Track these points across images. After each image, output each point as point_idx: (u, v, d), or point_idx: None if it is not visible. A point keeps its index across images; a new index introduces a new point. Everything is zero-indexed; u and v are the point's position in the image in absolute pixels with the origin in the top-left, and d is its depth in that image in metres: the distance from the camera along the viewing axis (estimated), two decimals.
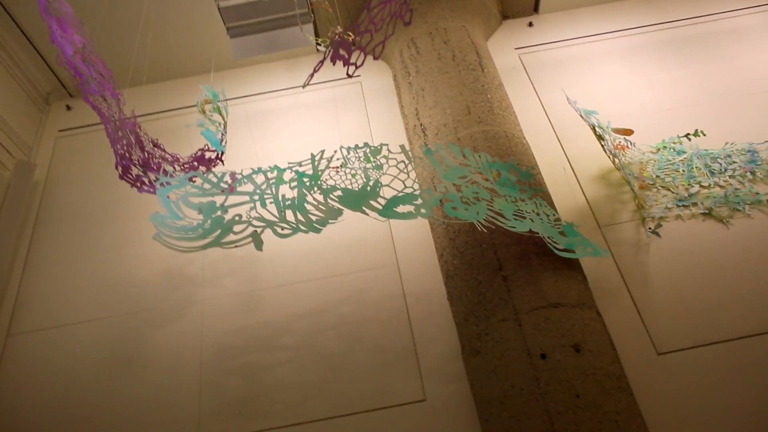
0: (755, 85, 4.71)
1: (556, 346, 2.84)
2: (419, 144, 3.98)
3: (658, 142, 4.34)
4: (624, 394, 2.79)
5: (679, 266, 3.68)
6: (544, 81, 4.89)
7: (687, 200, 3.97)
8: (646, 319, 3.47)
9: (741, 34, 5.16)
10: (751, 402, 3.12)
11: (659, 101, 4.67)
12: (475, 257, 3.25)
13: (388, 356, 3.52)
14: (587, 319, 2.99)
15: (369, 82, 5.06)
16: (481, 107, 3.90)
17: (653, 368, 3.28)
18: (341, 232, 3.84)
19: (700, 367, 3.27)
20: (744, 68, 4.86)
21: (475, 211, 2.94)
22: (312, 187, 3.04)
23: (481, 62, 4.28)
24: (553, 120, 4.58)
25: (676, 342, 3.37)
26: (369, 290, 3.81)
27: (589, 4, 5.46)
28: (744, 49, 5.02)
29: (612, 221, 3.94)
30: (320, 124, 4.86)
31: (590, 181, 4.17)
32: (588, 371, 2.77)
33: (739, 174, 4.09)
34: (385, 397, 3.36)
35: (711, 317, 3.45)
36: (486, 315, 3.07)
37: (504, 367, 2.89)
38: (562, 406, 2.66)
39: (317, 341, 3.63)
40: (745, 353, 3.30)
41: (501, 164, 3.34)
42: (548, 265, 3.11)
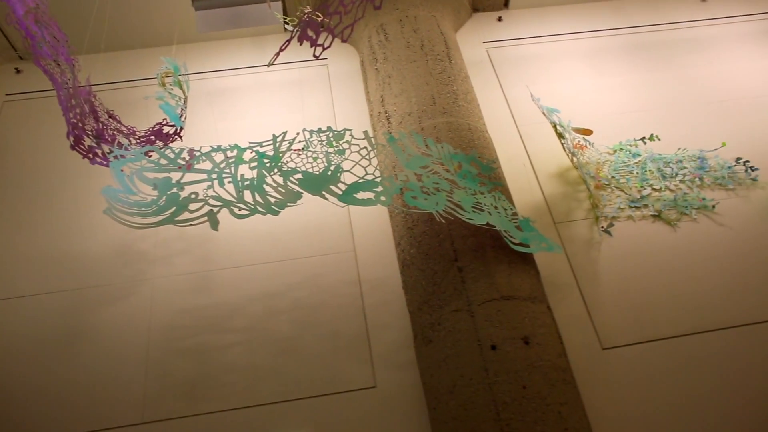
0: (709, 95, 4.87)
1: (506, 337, 2.89)
2: (383, 131, 3.97)
3: (616, 144, 4.44)
4: (568, 386, 2.87)
5: (627, 265, 3.79)
6: (510, 76, 4.94)
7: (639, 202, 4.09)
8: (594, 315, 3.57)
9: (699, 44, 5.32)
10: (689, 398, 3.26)
11: (619, 104, 4.78)
12: (432, 247, 3.27)
13: (340, 342, 3.52)
14: (538, 313, 3.05)
15: (336, 66, 5.01)
16: (446, 98, 3.91)
17: (597, 362, 3.38)
18: (299, 216, 3.80)
19: (642, 363, 3.39)
20: (700, 78, 5.01)
21: (435, 201, 2.95)
22: (272, 168, 3.00)
23: (449, 53, 4.28)
24: (516, 115, 4.63)
25: (621, 338, 3.48)
26: (324, 275, 3.79)
27: (557, 4, 5.53)
28: (701, 59, 5.18)
29: (567, 218, 4.03)
30: (284, 105, 4.79)
31: (548, 178, 4.25)
32: (535, 363, 2.83)
33: (688, 179, 4.23)
34: (335, 382, 3.36)
35: (654, 315, 3.58)
36: (440, 305, 3.10)
37: (455, 356, 2.92)
38: (509, 397, 2.72)
39: (269, 324, 3.59)
40: (684, 351, 3.44)
41: (463, 156, 3.36)
42: (503, 258, 3.16)
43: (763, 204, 4.15)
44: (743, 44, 5.34)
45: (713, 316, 3.58)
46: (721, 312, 3.60)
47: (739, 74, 5.06)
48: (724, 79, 5.01)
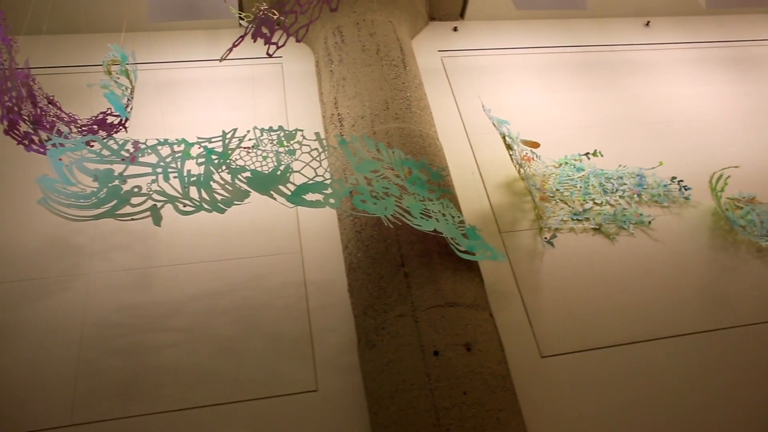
0: (649, 116, 5.09)
1: (449, 344, 2.92)
2: (335, 133, 3.95)
3: (561, 158, 4.58)
4: (507, 393, 2.93)
5: (567, 276, 3.91)
6: (463, 86, 5.01)
7: (581, 215, 4.22)
8: (534, 324, 3.66)
9: (643, 67, 5.55)
10: (623, 405, 3.38)
11: (566, 119, 4.93)
12: (380, 252, 3.28)
13: (283, 344, 3.47)
14: (480, 320, 3.10)
15: (290, 65, 4.96)
16: (399, 104, 3.93)
17: (536, 370, 3.47)
18: (246, 215, 3.74)
19: (579, 371, 3.49)
20: (641, 99, 5.23)
21: (384, 206, 2.96)
22: (220, 165, 2.94)
23: (404, 59, 4.31)
24: (467, 125, 4.70)
25: (559, 346, 3.59)
26: (269, 276, 3.74)
27: (511, 18, 5.66)
28: (644, 81, 5.41)
29: (512, 228, 4.12)
30: (235, 101, 4.70)
31: (496, 188, 4.33)
32: (476, 370, 2.88)
33: (627, 195, 4.41)
34: (276, 385, 3.31)
35: (591, 325, 3.70)
36: (384, 309, 3.11)
37: (397, 361, 2.93)
38: (449, 402, 2.75)
39: (211, 324, 3.51)
40: (618, 360, 3.57)
41: (413, 162, 3.39)
42: (449, 265, 3.19)
43: (694, 222, 4.36)
44: (682, 70, 5.61)
45: (646, 327, 3.73)
46: (653, 323, 3.76)
47: (677, 98, 5.31)
48: (663, 102, 5.25)
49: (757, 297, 4.00)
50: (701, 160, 4.76)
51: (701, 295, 3.96)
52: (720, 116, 5.23)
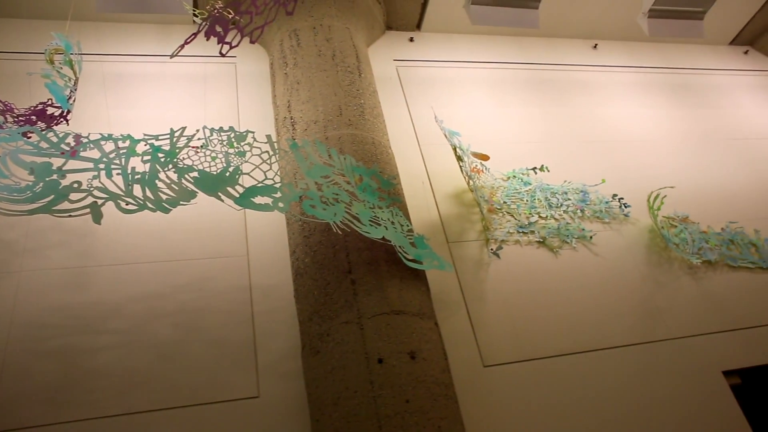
0: (594, 135, 5.28)
1: (393, 351, 2.93)
2: (286, 137, 3.92)
3: (509, 171, 4.68)
4: (450, 401, 2.96)
5: (512, 287, 3.99)
6: (416, 96, 5.07)
7: (526, 228, 4.33)
8: (478, 333, 3.72)
9: (589, 87, 5.76)
10: (562, 415, 3.47)
11: (515, 134, 5.05)
12: (327, 258, 3.26)
13: (225, 349, 3.39)
14: (425, 329, 3.12)
15: (244, 66, 4.89)
16: (353, 110, 3.93)
17: (479, 379, 3.52)
18: (192, 216, 3.65)
19: (520, 381, 3.57)
20: (587, 118, 5.42)
21: (333, 212, 2.95)
22: (167, 163, 2.86)
23: (359, 66, 4.32)
24: (419, 134, 4.75)
25: (501, 356, 3.65)
26: (213, 279, 3.65)
27: (466, 32, 5.77)
28: (590, 101, 5.61)
29: (459, 238, 4.18)
30: (185, 99, 4.58)
31: (445, 198, 4.39)
32: (420, 378, 2.89)
33: (571, 210, 4.55)
34: (216, 391, 3.23)
35: (533, 336, 3.79)
36: (330, 316, 3.09)
37: (341, 368, 2.92)
38: (392, 410, 2.75)
39: (150, 327, 3.40)
40: (558, 370, 3.67)
41: (364, 170, 3.39)
42: (396, 273, 3.21)
43: (632, 238, 4.54)
44: (626, 92, 5.85)
45: (585, 339, 3.85)
46: (592, 335, 3.88)
47: (620, 119, 5.53)
48: (607, 122, 5.45)
49: (687, 311, 4.19)
50: (640, 179, 4.97)
51: (636, 308, 4.12)
52: (658, 138, 5.47)
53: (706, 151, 5.53)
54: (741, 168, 5.46)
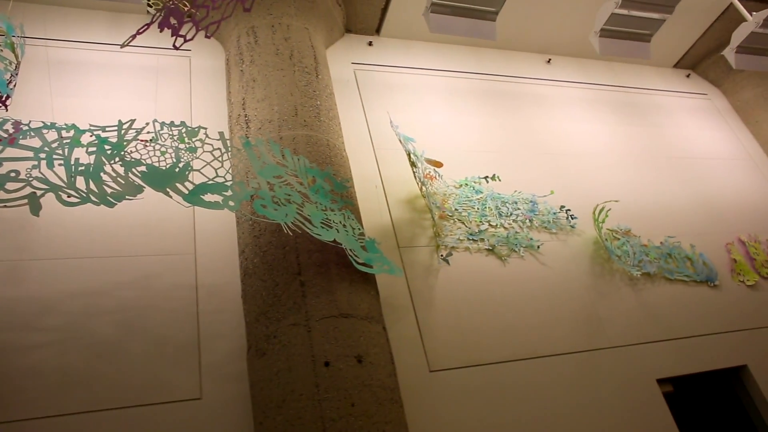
0: (545, 147, 5.42)
1: (340, 355, 2.92)
2: (240, 135, 3.86)
3: (462, 179, 4.75)
4: (395, 405, 2.97)
5: (460, 293, 4.05)
6: (373, 100, 5.08)
7: (476, 235, 4.40)
8: (425, 338, 3.75)
9: (542, 100, 5.91)
10: (505, 421, 3.54)
11: (469, 142, 5.13)
12: (277, 258, 3.23)
13: (168, 349, 3.30)
14: (373, 333, 3.13)
15: (199, 60, 4.78)
16: (309, 111, 3.91)
17: (424, 383, 3.55)
18: (138, 211, 3.55)
19: (464, 386, 3.62)
20: (540, 131, 5.56)
21: (284, 213, 2.93)
22: (113, 156, 2.77)
23: (317, 67, 4.30)
24: (374, 138, 4.76)
25: (447, 361, 3.69)
26: (158, 276, 3.55)
27: (425, 40, 5.82)
28: (542, 114, 5.75)
29: (410, 244, 4.21)
30: (135, 91, 4.44)
31: (397, 203, 4.41)
32: (366, 382, 2.89)
33: (520, 220, 4.65)
34: (157, 392, 3.14)
35: (479, 342, 3.85)
36: (278, 317, 3.05)
37: (287, 371, 2.89)
38: (337, 414, 2.74)
39: (89, 325, 3.27)
40: (504, 376, 3.74)
41: (318, 171, 3.38)
42: (346, 276, 3.20)
43: (577, 249, 4.68)
44: (577, 107, 6.03)
45: (530, 346, 3.94)
46: (536, 342, 3.97)
47: (571, 133, 5.70)
48: (559, 135, 5.61)
49: (626, 321, 4.35)
50: (587, 192, 5.13)
51: (579, 317, 4.24)
52: (605, 153, 5.66)
53: (649, 167, 5.76)
54: (679, 185, 5.71)
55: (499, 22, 4.90)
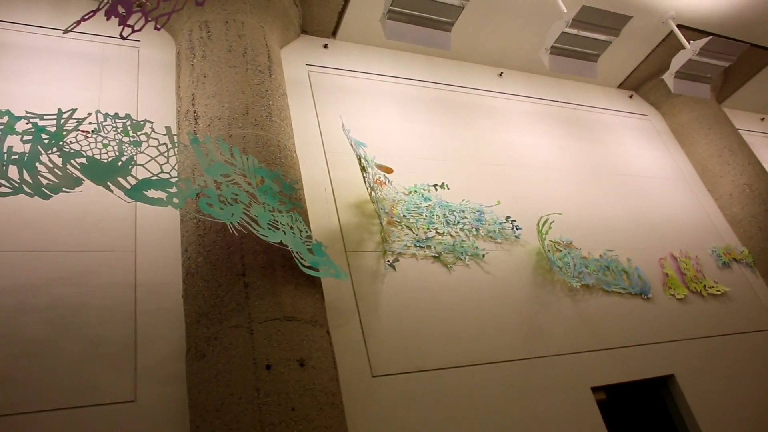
0: (493, 158, 5.53)
1: (282, 358, 2.88)
2: (188, 131, 3.77)
3: (411, 186, 4.79)
4: (336, 410, 2.95)
5: (405, 300, 4.07)
6: (326, 103, 5.06)
7: (423, 242, 4.44)
8: (369, 343, 3.75)
9: (493, 112, 6.04)
10: (446, 427, 3.57)
11: (419, 150, 5.18)
12: (221, 259, 3.16)
13: (102, 349, 3.18)
14: (317, 336, 3.11)
15: (148, 51, 4.64)
16: (260, 111, 3.86)
17: (366, 388, 3.55)
18: (75, 204, 3.41)
19: (407, 392, 3.64)
20: (489, 142, 5.68)
21: (231, 212, 2.88)
22: (51, 146, 2.65)
23: (270, 67, 4.25)
24: (325, 141, 4.74)
25: (390, 367, 3.71)
26: (94, 273, 3.41)
27: (380, 45, 5.85)
28: (492, 125, 5.88)
29: (357, 248, 4.21)
30: (78, 80, 4.26)
31: (346, 207, 4.40)
32: (307, 386, 2.87)
33: (467, 228, 4.73)
34: (88, 394, 3.01)
35: (422, 348, 3.88)
36: (219, 319, 2.99)
37: (227, 373, 2.83)
38: (277, 418, 2.71)
39: (17, 322, 3.11)
40: (446, 382, 3.78)
41: (267, 172, 3.34)
42: (291, 279, 3.17)
43: (521, 259, 4.79)
44: (525, 121, 6.19)
45: (472, 353, 4.00)
46: (478, 349, 4.04)
47: (519, 146, 5.84)
48: (507, 147, 5.74)
49: (565, 331, 4.48)
50: (532, 203, 5.27)
51: (520, 326, 4.34)
52: (551, 167, 5.83)
53: (591, 182, 5.97)
54: (619, 201, 5.94)
55: (455, 33, 4.98)
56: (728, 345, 5.16)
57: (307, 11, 5.34)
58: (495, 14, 5.81)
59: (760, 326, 5.54)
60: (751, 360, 5.17)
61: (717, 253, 5.97)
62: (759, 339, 5.40)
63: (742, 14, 6.37)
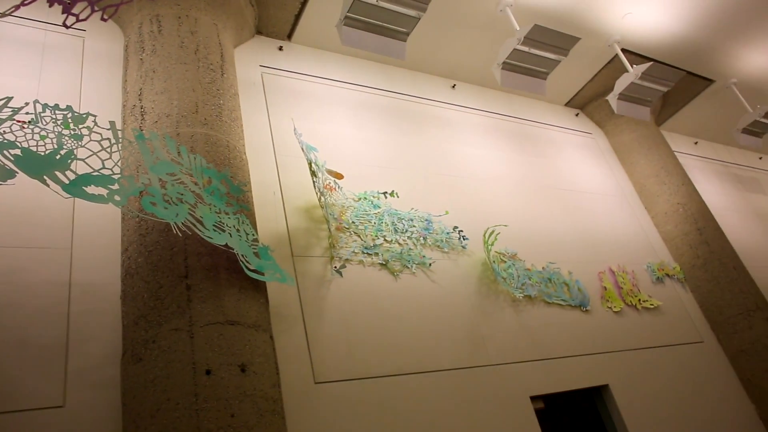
0: (444, 168, 5.61)
1: (223, 363, 2.83)
2: (133, 127, 3.65)
3: (361, 193, 4.79)
4: (276, 417, 2.91)
5: (351, 306, 4.06)
6: (278, 105, 5.01)
7: (371, 249, 4.44)
8: (313, 349, 3.72)
9: (444, 123, 6.12)
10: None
11: (370, 157, 5.19)
12: (163, 259, 3.07)
13: (30, 351, 3.02)
14: (259, 342, 3.06)
15: (94, 42, 4.47)
16: (210, 110, 3.78)
17: (309, 395, 3.52)
18: (7, 198, 3.24)
19: (349, 399, 3.62)
20: (439, 152, 5.75)
21: (175, 212, 2.80)
22: None
23: (223, 65, 4.18)
24: (276, 144, 4.69)
25: (334, 373, 3.68)
26: (26, 271, 3.25)
27: (336, 51, 5.85)
28: (444, 136, 5.96)
29: (305, 253, 4.17)
30: (16, 67, 4.06)
31: (295, 212, 4.36)
32: (248, 392, 2.82)
33: (415, 237, 4.77)
34: (12, 398, 2.86)
35: (366, 355, 3.88)
36: (159, 321, 2.90)
37: (165, 378, 2.75)
38: (215, 425, 2.65)
39: None
40: (389, 389, 3.79)
41: (214, 172, 3.27)
42: (235, 282, 3.11)
43: (467, 269, 4.87)
44: (476, 133, 6.31)
45: (416, 361, 4.02)
46: (422, 358, 4.07)
47: (468, 157, 5.94)
48: (456, 158, 5.82)
49: (507, 341, 4.57)
50: (480, 215, 5.36)
51: (464, 335, 4.40)
52: (499, 179, 5.96)
53: (537, 196, 6.13)
54: (563, 215, 6.12)
55: (410, 42, 5.03)
56: (659, 356, 5.39)
57: (264, 12, 5.29)
58: (450, 27, 5.91)
59: (689, 339, 5.81)
60: (681, 371, 5.42)
61: (652, 269, 6.23)
62: (688, 351, 5.67)
63: (681, 44, 6.72)
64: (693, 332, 5.94)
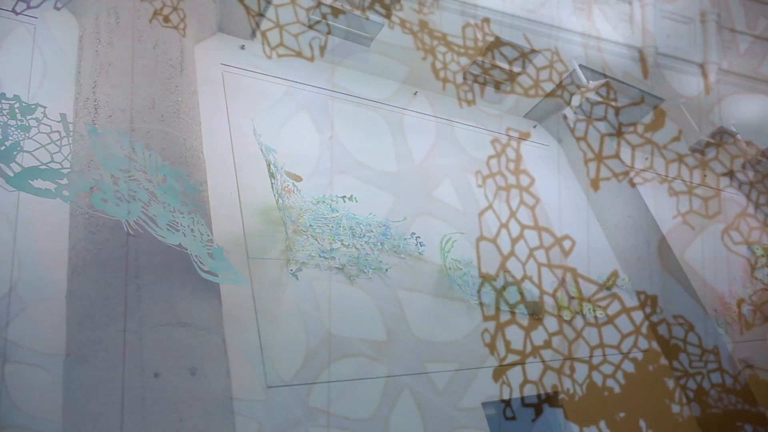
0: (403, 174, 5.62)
1: (172, 366, 2.77)
2: (86, 120, 3.54)
3: (319, 196, 4.76)
4: (226, 421, 2.87)
5: (306, 309, 4.03)
6: (239, 105, 4.94)
7: (328, 253, 4.42)
8: (266, 353, 3.67)
9: (406, 129, 6.13)
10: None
11: (329, 161, 5.16)
12: (113, 258, 2.99)
13: None
14: (211, 344, 3.01)
15: (46, 30, 4.28)
16: (167, 107, 3.70)
17: (260, 399, 3.46)
18: None
19: (301, 403, 3.58)
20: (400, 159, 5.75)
21: (127, 210, 2.74)
22: None
23: (182, 62, 4.10)
24: (235, 144, 4.61)
25: (286, 377, 3.64)
26: None
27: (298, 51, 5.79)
28: (405, 143, 5.97)
29: (261, 255, 4.12)
30: None
31: (252, 213, 4.30)
32: (198, 395, 2.77)
33: (372, 242, 4.77)
34: None
35: (320, 360, 3.85)
36: (106, 322, 2.82)
37: (110, 381, 2.69)
38: (162, 429, 2.59)
39: None
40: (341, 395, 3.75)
41: (170, 170, 3.20)
42: (188, 283, 3.05)
43: (423, 275, 4.90)
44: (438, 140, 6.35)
45: (369, 367, 4.02)
46: (376, 363, 4.06)
47: (429, 164, 5.97)
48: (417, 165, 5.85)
49: (461, 347, 4.62)
50: (437, 221, 5.40)
51: (418, 341, 4.42)
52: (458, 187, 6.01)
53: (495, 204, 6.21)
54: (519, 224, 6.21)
55: (373, 48, 5.05)
56: (608, 365, 5.54)
57: (226, 10, 5.20)
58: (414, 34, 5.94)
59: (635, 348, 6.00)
60: (629, 379, 5.58)
61: (602, 279, 6.42)
62: (634, 360, 5.84)
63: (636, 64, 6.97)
64: (639, 341, 6.13)
